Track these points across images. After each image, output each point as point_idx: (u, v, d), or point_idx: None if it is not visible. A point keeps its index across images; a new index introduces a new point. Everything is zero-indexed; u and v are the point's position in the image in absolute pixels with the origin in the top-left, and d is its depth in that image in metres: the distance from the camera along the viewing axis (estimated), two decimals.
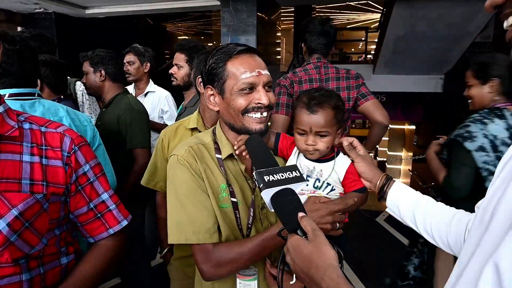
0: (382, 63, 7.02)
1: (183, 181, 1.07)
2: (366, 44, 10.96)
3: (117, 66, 2.38)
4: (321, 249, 0.69)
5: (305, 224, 0.74)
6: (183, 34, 13.35)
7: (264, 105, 1.07)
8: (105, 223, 1.08)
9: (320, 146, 1.12)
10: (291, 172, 0.82)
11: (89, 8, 5.69)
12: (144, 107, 2.44)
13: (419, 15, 5.24)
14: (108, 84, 2.36)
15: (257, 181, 0.80)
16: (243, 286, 1.10)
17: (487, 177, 1.70)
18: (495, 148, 1.71)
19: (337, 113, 1.13)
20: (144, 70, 3.11)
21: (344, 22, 13.64)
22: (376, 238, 4.03)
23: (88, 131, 1.68)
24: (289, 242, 0.75)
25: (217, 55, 1.08)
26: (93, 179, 1.06)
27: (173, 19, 11.43)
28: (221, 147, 1.15)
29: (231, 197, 1.11)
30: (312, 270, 0.68)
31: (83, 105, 2.86)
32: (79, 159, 1.02)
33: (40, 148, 0.96)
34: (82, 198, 1.04)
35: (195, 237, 1.04)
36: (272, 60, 6.10)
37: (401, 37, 5.87)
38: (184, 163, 1.08)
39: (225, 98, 1.09)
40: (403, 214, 1.03)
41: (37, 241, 0.93)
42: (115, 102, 2.35)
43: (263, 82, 1.07)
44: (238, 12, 4.57)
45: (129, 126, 2.26)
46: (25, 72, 1.41)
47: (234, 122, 1.11)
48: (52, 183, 0.96)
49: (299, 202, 0.81)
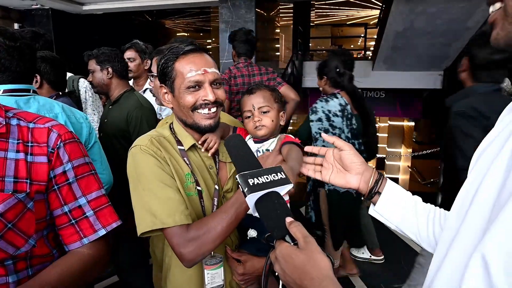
0: (381, 60, 7.00)
1: (148, 168, 1.08)
2: (365, 41, 10.93)
3: (123, 63, 2.41)
4: (315, 259, 0.64)
5: (295, 230, 0.69)
6: (182, 30, 13.30)
7: (210, 101, 1.11)
8: (79, 231, 0.97)
9: (265, 122, 1.24)
10: (276, 174, 0.76)
11: (86, 4, 5.66)
12: (152, 105, 2.44)
13: (418, 11, 5.22)
14: (115, 81, 2.37)
15: (240, 185, 0.74)
16: (211, 276, 1.13)
17: (318, 138, 2.65)
18: (328, 118, 2.61)
19: (273, 94, 1.29)
20: (145, 67, 3.08)
21: (343, 18, 13.61)
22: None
23: (84, 128, 1.67)
24: (278, 250, 0.69)
25: (167, 55, 1.14)
26: (72, 180, 0.97)
27: (172, 15, 11.38)
28: (181, 139, 1.19)
29: (196, 185, 1.14)
30: (306, 281, 0.64)
31: (86, 102, 2.84)
32: (61, 156, 0.95)
33: (26, 144, 0.92)
34: (57, 199, 0.96)
35: (171, 220, 1.02)
36: (271, 57, 6.08)
37: (400, 33, 5.85)
38: (148, 151, 1.09)
39: (175, 96, 1.14)
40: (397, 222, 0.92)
41: (23, 242, 0.89)
42: (123, 99, 2.36)
43: (209, 80, 1.12)
44: (236, 8, 4.55)
45: (139, 123, 2.25)
46: (23, 69, 1.40)
47: (185, 119, 1.16)
48: (36, 180, 0.92)
49: (286, 206, 0.75)
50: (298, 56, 8.12)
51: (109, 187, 1.78)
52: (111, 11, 5.76)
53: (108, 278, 3.09)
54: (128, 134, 2.26)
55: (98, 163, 1.72)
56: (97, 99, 2.93)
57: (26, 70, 1.43)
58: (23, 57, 1.38)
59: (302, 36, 8.90)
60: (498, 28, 0.56)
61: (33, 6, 5.31)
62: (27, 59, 1.40)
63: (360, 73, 7.86)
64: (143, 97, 2.46)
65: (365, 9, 12.21)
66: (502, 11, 0.55)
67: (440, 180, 3.95)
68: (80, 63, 2.47)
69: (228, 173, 1.25)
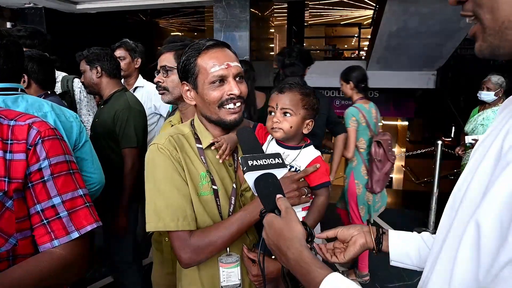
0: (375, 59, 7.04)
1: (162, 168, 1.09)
2: (359, 41, 10.98)
3: (113, 62, 2.36)
4: (290, 224, 0.77)
5: (280, 203, 0.82)
6: (176, 30, 13.27)
7: (236, 95, 1.11)
8: (50, 232, 0.92)
9: (283, 125, 1.19)
10: (274, 159, 0.91)
11: (80, 3, 5.62)
12: (142, 106, 2.41)
13: (411, 11, 5.27)
14: (105, 81, 2.34)
15: (241, 164, 0.88)
16: (226, 274, 1.15)
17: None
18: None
19: (304, 99, 1.20)
20: (135, 65, 3.06)
21: (337, 18, 13.66)
22: None
23: (74, 127, 1.65)
24: (265, 219, 0.83)
25: (188, 52, 1.14)
26: (48, 178, 0.92)
27: (166, 15, 11.35)
28: (201, 137, 1.19)
29: (212, 184, 1.14)
30: (281, 241, 0.76)
31: (81, 102, 2.81)
32: (39, 153, 0.92)
33: (5, 142, 0.90)
34: (30, 197, 0.92)
35: (173, 224, 1.06)
36: (265, 56, 6.08)
37: (393, 33, 5.90)
38: (164, 151, 1.10)
39: (199, 93, 1.13)
40: (417, 263, 0.93)
41: (3, 241, 0.87)
42: (113, 99, 2.33)
43: (233, 74, 1.11)
44: (230, 8, 4.54)
45: (125, 124, 2.23)
46: (10, 67, 1.37)
47: (210, 115, 1.15)
48: (15, 178, 0.88)
49: (278, 186, 0.88)
50: None
51: (100, 187, 1.75)
52: (105, 10, 5.72)
53: (102, 279, 3.07)
54: (115, 134, 2.24)
55: (89, 163, 1.70)
56: (92, 99, 2.90)
57: (13, 68, 1.39)
58: (9, 55, 1.34)
59: (296, 36, 8.92)
60: (480, 40, 0.57)
61: (26, 4, 5.25)
62: (13, 57, 1.36)
63: None
64: (134, 97, 2.43)
65: (358, 9, 12.27)
66: (479, 24, 0.56)
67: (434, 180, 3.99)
68: (73, 62, 2.45)
69: None
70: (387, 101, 8.84)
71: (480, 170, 0.57)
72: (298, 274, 0.73)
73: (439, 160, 3.98)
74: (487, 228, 0.50)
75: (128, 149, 2.24)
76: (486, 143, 0.61)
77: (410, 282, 3.13)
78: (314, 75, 8.06)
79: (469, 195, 0.58)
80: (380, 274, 3.25)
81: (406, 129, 11.07)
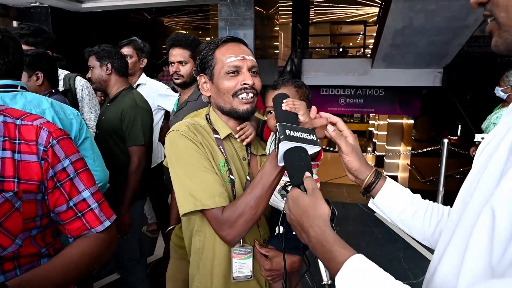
0: (380, 57, 7.00)
1: (187, 151, 1.12)
2: (364, 38, 10.94)
3: (123, 61, 2.39)
4: (316, 202, 0.76)
5: (308, 182, 0.81)
6: (181, 28, 13.28)
7: (249, 85, 1.15)
8: (86, 224, 0.99)
9: None
10: (309, 135, 0.88)
11: (85, 2, 5.64)
12: (148, 104, 2.42)
13: (418, 8, 5.22)
14: (114, 78, 2.36)
15: (278, 131, 0.86)
16: (238, 265, 1.16)
17: None
18: None
19: (299, 91, 1.24)
20: (140, 65, 3.06)
21: (342, 16, 13.59)
22: (376, 233, 4.03)
23: (74, 124, 1.63)
24: (290, 194, 0.82)
25: (207, 46, 1.20)
26: (73, 175, 0.98)
27: (171, 13, 11.37)
28: (218, 128, 1.22)
29: (229, 174, 1.17)
30: (304, 218, 0.75)
31: (82, 100, 2.81)
32: (58, 154, 0.95)
33: (13, 142, 0.90)
34: (61, 195, 0.96)
35: (211, 202, 1.06)
36: (270, 54, 6.07)
37: (399, 30, 5.85)
38: (186, 135, 1.13)
39: (215, 83, 1.18)
40: (394, 217, 0.96)
41: (9, 242, 0.88)
42: (120, 97, 2.34)
43: (248, 66, 1.16)
44: (235, 6, 4.54)
45: (132, 122, 2.25)
46: (8, 64, 1.36)
47: (224, 105, 1.19)
48: (24, 179, 0.89)
49: (308, 163, 0.85)
50: (297, 54, 8.11)
51: (103, 184, 1.73)
52: (110, 9, 5.74)
53: (108, 276, 3.09)
54: (122, 132, 2.25)
55: (90, 160, 1.68)
56: (94, 98, 2.91)
57: (11, 65, 1.38)
58: (6, 51, 1.33)
59: (301, 34, 8.89)
60: (496, 36, 0.62)
61: (32, 3, 5.29)
62: (11, 54, 1.35)
63: (359, 71, 7.92)
64: (141, 96, 2.44)
65: (364, 6, 12.20)
66: (495, 22, 0.61)
67: (440, 178, 3.96)
68: (78, 61, 2.46)
69: (259, 166, 1.26)
70: (392, 99, 8.79)
71: (492, 163, 0.59)
72: (318, 252, 0.71)
73: (445, 158, 3.95)
74: (502, 214, 0.51)
75: (135, 147, 2.25)
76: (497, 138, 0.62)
77: (415, 281, 3.12)
78: (320, 73, 8.05)
79: (480, 187, 0.59)
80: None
81: (411, 127, 10.99)
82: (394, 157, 12.67)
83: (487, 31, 0.64)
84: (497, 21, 0.61)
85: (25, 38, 2.46)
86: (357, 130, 21.92)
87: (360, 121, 22.14)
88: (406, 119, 11.95)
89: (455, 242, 0.61)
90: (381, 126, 15.20)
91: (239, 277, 1.17)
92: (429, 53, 6.53)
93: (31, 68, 1.98)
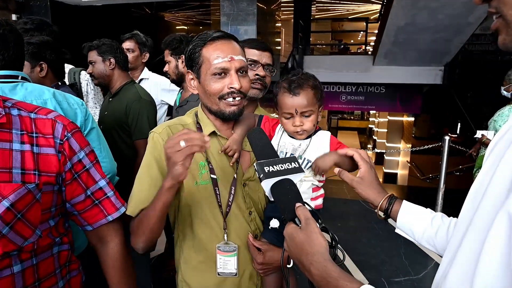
0: (381, 54, 6.98)
1: (147, 157, 1.16)
2: (366, 35, 10.87)
3: (124, 55, 2.38)
4: (311, 237, 0.74)
5: (300, 213, 0.79)
6: (181, 24, 13.22)
7: (236, 89, 1.11)
8: (103, 210, 1.05)
9: (307, 126, 1.18)
10: (290, 163, 0.86)
11: None
12: (151, 97, 2.42)
13: (420, 6, 5.19)
14: (117, 73, 2.35)
15: (257, 171, 0.84)
16: (223, 262, 1.17)
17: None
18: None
19: (316, 92, 1.20)
20: (142, 59, 3.05)
21: (344, 12, 13.53)
22: (377, 229, 4.04)
23: (79, 114, 1.58)
24: (285, 231, 0.80)
25: (195, 41, 1.15)
26: (89, 166, 1.03)
27: (171, 8, 11.31)
28: (202, 126, 1.21)
29: (210, 174, 1.16)
30: (303, 256, 0.74)
31: (87, 95, 2.80)
32: (73, 146, 0.98)
33: (31, 135, 0.91)
34: (79, 185, 1.00)
35: (129, 210, 1.11)
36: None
37: (401, 28, 5.83)
38: (158, 140, 1.15)
39: (201, 82, 1.15)
40: (418, 238, 0.98)
41: (30, 232, 0.90)
42: (123, 91, 2.34)
43: (235, 68, 1.12)
44: (237, 1, 4.51)
45: (137, 116, 2.24)
46: (8, 55, 1.35)
47: (211, 105, 1.17)
48: (44, 172, 0.92)
49: (297, 193, 0.84)
50: (299, 50, 8.08)
51: (112, 176, 1.70)
52: (110, 3, 5.71)
53: None
54: (127, 126, 2.25)
55: (97, 151, 1.63)
56: (99, 92, 2.90)
57: (12, 56, 1.37)
58: (7, 44, 1.32)
59: (303, 30, 8.86)
60: (503, 34, 0.60)
61: None
62: (11, 46, 1.34)
63: (361, 68, 7.89)
64: (143, 89, 2.44)
65: (366, 3, 12.15)
66: (502, 19, 0.60)
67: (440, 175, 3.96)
68: (78, 55, 2.45)
69: (251, 161, 1.26)
70: (393, 96, 8.78)
71: (503, 164, 0.58)
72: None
73: (446, 156, 3.95)
74: None
75: (142, 140, 2.24)
76: (507, 138, 0.61)
77: (415, 277, 3.13)
78: (321, 70, 8.02)
79: (492, 189, 0.58)
80: (385, 269, 3.25)
81: (411, 125, 10.99)
82: (394, 154, 12.68)
83: (492, 28, 0.62)
84: (504, 19, 0.59)
85: (30, 32, 2.43)
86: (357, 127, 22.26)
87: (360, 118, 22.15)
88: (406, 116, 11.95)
89: (466, 246, 0.60)
90: (381, 124, 15.20)
91: (224, 273, 1.18)
92: (430, 51, 6.51)
93: (34, 58, 1.86)
